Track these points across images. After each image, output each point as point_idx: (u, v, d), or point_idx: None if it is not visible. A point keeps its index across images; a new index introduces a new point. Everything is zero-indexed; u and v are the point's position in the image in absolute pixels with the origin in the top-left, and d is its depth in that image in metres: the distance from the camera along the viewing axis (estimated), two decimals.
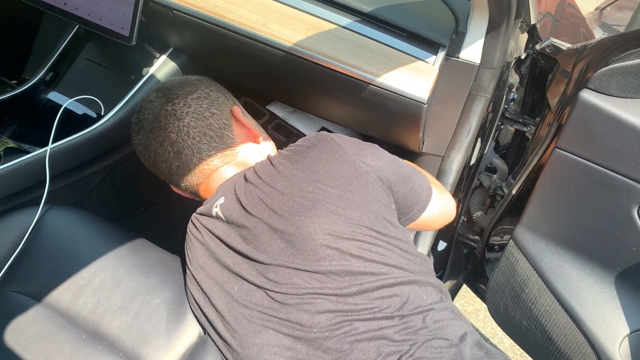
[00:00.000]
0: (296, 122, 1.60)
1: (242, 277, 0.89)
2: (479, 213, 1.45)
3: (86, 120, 1.29)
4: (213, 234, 0.95)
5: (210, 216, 0.96)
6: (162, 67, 1.35)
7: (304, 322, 0.82)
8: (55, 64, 1.42)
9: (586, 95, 0.95)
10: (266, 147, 1.09)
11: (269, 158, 0.95)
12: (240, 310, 0.87)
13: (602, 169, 0.97)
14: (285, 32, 1.11)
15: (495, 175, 1.38)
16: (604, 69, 0.93)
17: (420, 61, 1.07)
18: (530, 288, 1.13)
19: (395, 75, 1.06)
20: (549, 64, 1.21)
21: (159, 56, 1.36)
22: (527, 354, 1.24)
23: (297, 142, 0.97)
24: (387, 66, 1.07)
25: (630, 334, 1.04)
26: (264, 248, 0.87)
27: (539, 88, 1.31)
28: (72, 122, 1.28)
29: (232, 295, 0.89)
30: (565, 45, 1.12)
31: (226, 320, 0.88)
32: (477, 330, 1.95)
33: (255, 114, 1.59)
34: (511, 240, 1.15)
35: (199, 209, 1.00)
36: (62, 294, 0.99)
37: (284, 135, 1.61)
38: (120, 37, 1.17)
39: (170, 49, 1.36)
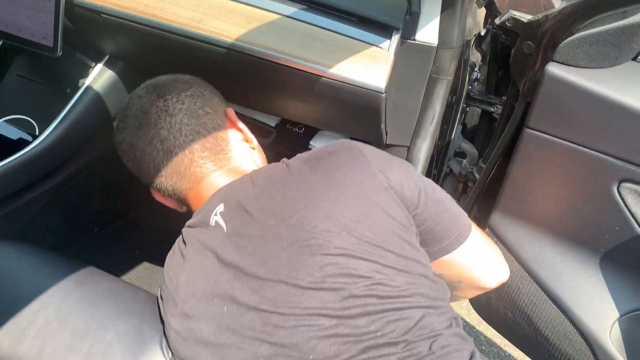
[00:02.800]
0: (255, 113, 1.49)
1: (234, 298, 0.78)
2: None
3: (20, 144, 1.18)
4: (206, 247, 0.85)
5: (207, 226, 0.86)
6: (98, 76, 1.24)
7: (300, 347, 0.73)
8: None
9: (553, 68, 0.88)
10: (259, 154, 1.04)
11: (284, 162, 0.87)
12: (228, 335, 0.77)
13: (576, 146, 0.91)
14: (225, 27, 1.02)
15: (465, 161, 1.31)
16: (569, 39, 0.87)
17: (373, 47, 0.99)
18: (512, 278, 1.06)
19: (349, 65, 0.98)
20: (511, 39, 1.14)
21: (94, 65, 1.25)
22: (515, 346, 1.18)
23: (321, 147, 0.89)
24: (339, 56, 0.99)
25: (620, 317, 0.98)
26: (264, 260, 0.78)
27: (503, 65, 1.24)
28: (5, 146, 1.17)
29: (221, 318, 0.78)
30: (526, 17, 1.05)
31: (214, 345, 0.78)
32: (462, 318, 1.90)
33: None
34: (487, 229, 1.08)
35: (190, 222, 0.91)
36: (2, 340, 0.89)
37: None
38: (43, 49, 1.06)
39: (106, 57, 1.25)
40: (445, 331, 0.76)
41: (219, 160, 0.95)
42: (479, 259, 0.94)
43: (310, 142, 1.32)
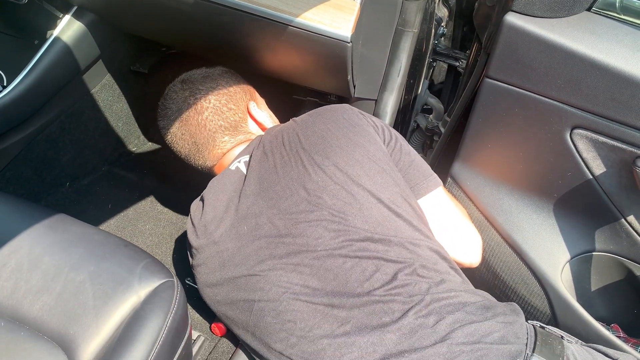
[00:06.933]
0: None
1: (255, 216, 0.94)
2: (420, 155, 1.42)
3: None
4: (226, 184, 1.01)
5: (227, 170, 1.03)
6: (67, 27, 1.24)
7: (310, 242, 0.89)
8: None
9: (511, 18, 0.91)
10: None
11: (293, 119, 1.06)
12: (249, 245, 0.92)
13: (532, 94, 0.94)
14: None
15: (431, 116, 1.35)
16: None
17: None
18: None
19: (315, 14, 0.99)
20: None
21: (63, 16, 1.24)
22: None
23: None
24: (305, 4, 1.00)
25: (571, 259, 1.04)
26: (278, 180, 0.95)
27: (468, 20, 1.27)
28: None
29: (243, 234, 0.93)
30: None
31: (239, 255, 0.93)
32: None
33: None
34: (449, 178, 1.12)
35: None
36: None
37: None
38: None
39: (74, 7, 1.25)
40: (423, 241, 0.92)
41: (239, 140, 1.12)
42: (449, 221, 1.01)
43: None
